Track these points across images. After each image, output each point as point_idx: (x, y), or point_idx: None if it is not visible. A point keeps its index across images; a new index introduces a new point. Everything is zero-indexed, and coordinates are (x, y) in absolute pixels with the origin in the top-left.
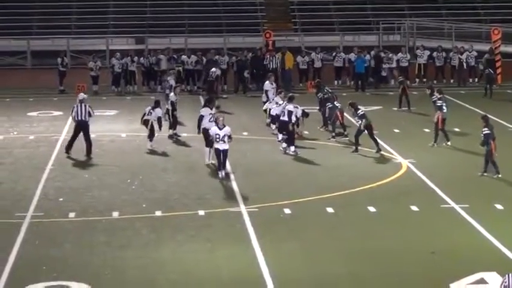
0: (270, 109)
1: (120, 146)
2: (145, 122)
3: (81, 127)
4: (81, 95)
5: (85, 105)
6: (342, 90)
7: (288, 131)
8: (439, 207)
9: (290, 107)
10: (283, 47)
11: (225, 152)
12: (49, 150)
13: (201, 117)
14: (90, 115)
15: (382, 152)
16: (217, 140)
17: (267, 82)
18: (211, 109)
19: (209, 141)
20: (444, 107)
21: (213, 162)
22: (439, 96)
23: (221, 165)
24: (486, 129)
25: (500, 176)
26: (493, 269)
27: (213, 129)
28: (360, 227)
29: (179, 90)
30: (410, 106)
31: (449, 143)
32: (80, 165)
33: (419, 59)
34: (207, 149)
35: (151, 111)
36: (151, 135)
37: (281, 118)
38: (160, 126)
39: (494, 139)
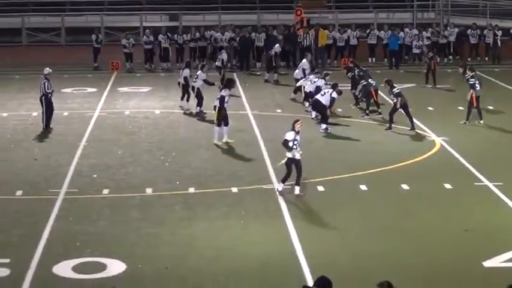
0: (303, 86)
1: (153, 123)
2: (192, 89)
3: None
4: (46, 70)
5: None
6: (375, 67)
7: (324, 113)
8: (473, 185)
9: (334, 93)
10: (316, 24)
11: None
12: (83, 127)
13: (223, 98)
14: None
15: (416, 130)
16: (295, 147)
17: (305, 60)
18: (229, 90)
19: (221, 121)
20: (477, 85)
21: (229, 140)
22: (471, 74)
23: (299, 179)
24: None
25: None
26: None
27: (290, 134)
28: (393, 205)
29: (207, 68)
30: (436, 84)
31: (481, 121)
32: (113, 142)
33: (450, 36)
34: (217, 128)
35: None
36: (200, 101)
37: (319, 98)
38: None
39: None
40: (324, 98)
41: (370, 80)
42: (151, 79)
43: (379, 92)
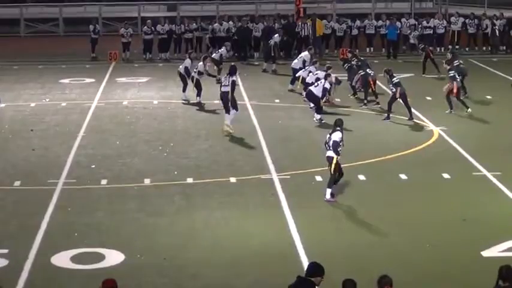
0: (302, 77)
1: (151, 113)
2: (192, 79)
3: None
4: None
5: None
6: (373, 57)
7: (318, 103)
8: (471, 175)
9: (326, 84)
10: (313, 14)
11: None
12: (81, 118)
13: (234, 82)
14: None
15: (414, 120)
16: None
17: (307, 53)
18: (230, 74)
19: (228, 107)
20: (457, 76)
21: (231, 129)
22: (448, 67)
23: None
24: None
25: None
26: None
27: (338, 135)
28: (391, 195)
29: (209, 60)
30: (439, 70)
31: (469, 109)
32: (111, 133)
33: (453, 26)
34: (227, 115)
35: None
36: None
37: (312, 89)
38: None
39: None
40: (316, 89)
41: (368, 70)
42: (149, 69)
43: (377, 81)
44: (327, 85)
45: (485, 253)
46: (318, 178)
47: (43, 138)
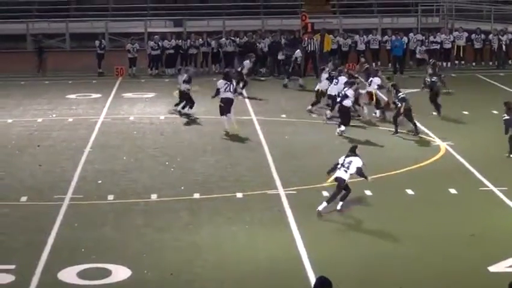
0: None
1: (158, 128)
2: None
3: None
4: None
5: None
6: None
7: (348, 114)
8: (478, 190)
9: (349, 91)
10: (322, 29)
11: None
12: (88, 133)
13: (218, 90)
14: None
15: (420, 135)
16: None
17: (331, 64)
18: (226, 80)
19: (223, 110)
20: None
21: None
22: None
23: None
24: (506, 115)
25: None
26: None
27: (359, 161)
28: (398, 210)
29: (184, 71)
30: (445, 85)
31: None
32: (118, 148)
33: (458, 40)
34: (223, 117)
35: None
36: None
37: (343, 102)
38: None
39: None
40: (346, 101)
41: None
42: (156, 85)
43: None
44: (350, 92)
45: (493, 268)
46: (325, 193)
47: (50, 153)
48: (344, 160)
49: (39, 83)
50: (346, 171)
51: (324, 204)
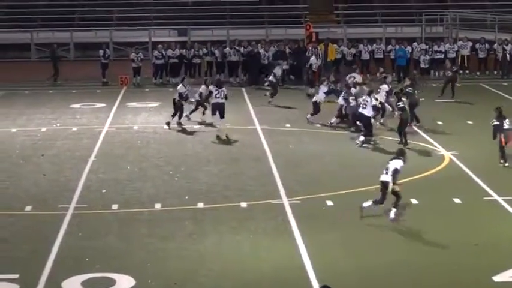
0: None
1: (162, 138)
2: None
3: None
4: None
5: None
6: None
7: (369, 125)
8: (482, 200)
9: (373, 101)
10: (326, 39)
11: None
12: (92, 142)
13: (210, 93)
14: None
15: (424, 144)
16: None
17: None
18: (219, 87)
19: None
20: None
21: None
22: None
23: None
24: (495, 120)
25: (507, 165)
26: None
27: (399, 163)
28: (403, 220)
29: (187, 81)
30: (454, 95)
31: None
32: (122, 157)
33: (462, 50)
34: (223, 120)
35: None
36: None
37: (362, 111)
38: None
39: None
40: (366, 110)
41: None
42: (160, 94)
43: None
44: (374, 102)
45: (497, 278)
46: (329, 203)
47: (54, 163)
48: (388, 163)
49: (43, 92)
50: (387, 173)
51: (369, 202)
